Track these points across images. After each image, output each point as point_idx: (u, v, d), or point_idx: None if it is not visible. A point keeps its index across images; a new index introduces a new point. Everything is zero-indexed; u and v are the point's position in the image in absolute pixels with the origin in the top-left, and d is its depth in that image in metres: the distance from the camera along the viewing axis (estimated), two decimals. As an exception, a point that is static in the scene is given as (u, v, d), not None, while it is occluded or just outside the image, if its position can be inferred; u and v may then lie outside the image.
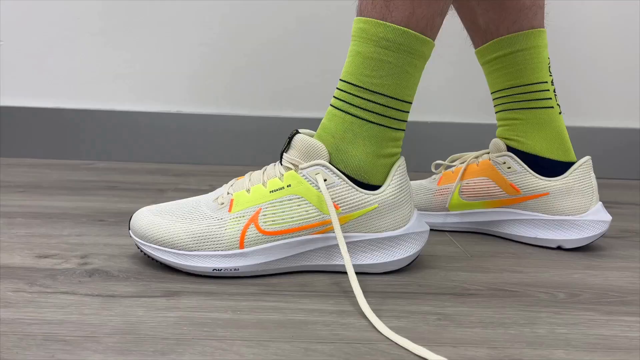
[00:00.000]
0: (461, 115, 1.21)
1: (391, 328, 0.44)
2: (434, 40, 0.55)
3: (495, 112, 0.72)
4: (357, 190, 0.54)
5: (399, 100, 0.54)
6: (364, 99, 0.54)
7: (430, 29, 0.53)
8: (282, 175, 0.55)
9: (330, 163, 0.54)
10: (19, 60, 1.22)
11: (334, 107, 0.56)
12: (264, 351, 0.40)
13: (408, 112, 0.56)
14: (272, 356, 0.39)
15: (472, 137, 1.17)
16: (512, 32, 0.67)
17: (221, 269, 0.53)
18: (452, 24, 1.00)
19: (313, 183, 0.54)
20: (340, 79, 0.56)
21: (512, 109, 0.69)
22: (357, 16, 0.55)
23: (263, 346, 0.41)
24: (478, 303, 0.50)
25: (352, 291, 0.52)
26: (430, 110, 1.23)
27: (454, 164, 0.75)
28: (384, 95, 0.54)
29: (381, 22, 0.52)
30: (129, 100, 1.23)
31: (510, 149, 0.69)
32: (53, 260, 0.57)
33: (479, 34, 0.70)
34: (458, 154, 0.76)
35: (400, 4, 0.52)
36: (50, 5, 1.20)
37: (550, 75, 0.68)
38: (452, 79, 1.19)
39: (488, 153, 0.72)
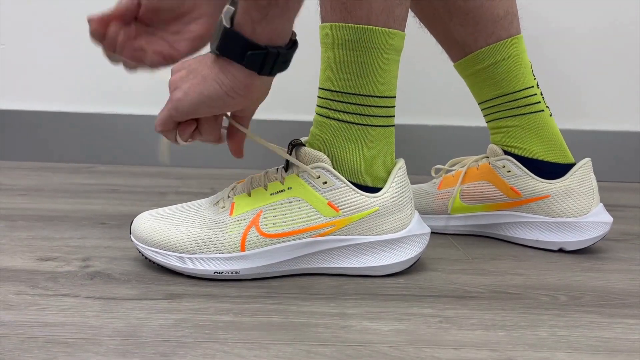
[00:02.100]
0: (462, 119, 1.21)
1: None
2: (402, 30, 0.54)
3: (487, 122, 0.72)
4: (357, 193, 0.54)
5: (379, 97, 0.54)
6: (345, 102, 0.54)
7: (393, 20, 0.53)
8: (283, 178, 0.55)
9: None
10: (20, 63, 1.22)
11: (319, 114, 0.56)
12: (265, 353, 0.40)
13: (393, 106, 0.56)
14: (273, 358, 0.40)
15: (473, 141, 1.16)
16: (491, 43, 0.67)
17: (222, 272, 0.53)
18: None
19: (314, 186, 0.54)
20: (319, 87, 0.56)
21: (504, 117, 0.69)
22: (320, 22, 0.55)
23: (264, 348, 0.41)
24: (479, 305, 0.50)
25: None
26: (431, 114, 1.23)
27: (453, 168, 0.75)
28: (363, 95, 0.54)
29: (343, 24, 0.52)
30: (130, 103, 1.23)
31: (508, 154, 0.69)
32: (55, 263, 0.57)
33: (456, 49, 0.70)
34: (458, 158, 0.76)
35: (357, 3, 0.52)
36: (51, 8, 1.20)
37: (535, 79, 0.69)
38: (452, 82, 1.19)
39: (487, 157, 0.72)
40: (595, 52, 1.22)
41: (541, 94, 0.69)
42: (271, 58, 0.50)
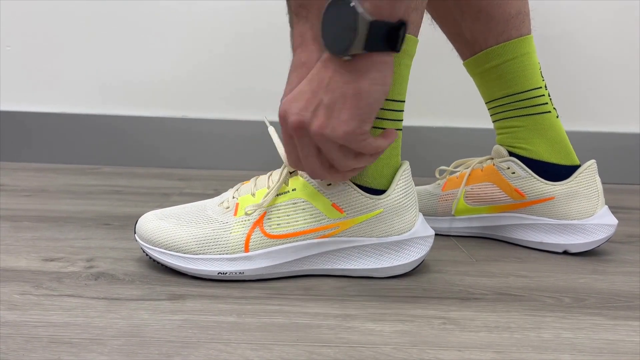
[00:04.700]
0: (466, 120, 1.21)
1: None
2: (415, 35, 0.54)
3: (493, 121, 0.72)
4: (362, 195, 0.54)
5: (390, 100, 0.54)
6: None
7: (408, 25, 0.53)
8: (288, 179, 0.55)
9: None
10: (24, 65, 1.23)
11: None
12: (268, 354, 0.40)
13: (402, 110, 0.56)
14: (276, 359, 0.39)
15: (477, 142, 1.16)
16: (501, 42, 0.67)
17: (226, 273, 0.53)
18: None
19: (318, 187, 0.54)
20: None
21: (511, 117, 0.69)
22: None
23: (267, 349, 0.41)
24: (483, 307, 0.50)
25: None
26: (434, 115, 1.23)
27: (457, 169, 0.75)
28: None
29: None
30: (134, 105, 1.24)
31: (513, 155, 0.69)
32: (59, 264, 0.57)
33: (466, 46, 0.70)
34: (462, 160, 0.76)
35: None
36: (57, 10, 1.21)
37: (543, 80, 0.68)
38: (456, 84, 1.19)
39: (492, 159, 0.72)
40: (600, 53, 1.22)
41: (549, 96, 0.68)
42: (404, 31, 0.45)
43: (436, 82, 1.21)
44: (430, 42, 0.73)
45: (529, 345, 0.43)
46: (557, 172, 0.67)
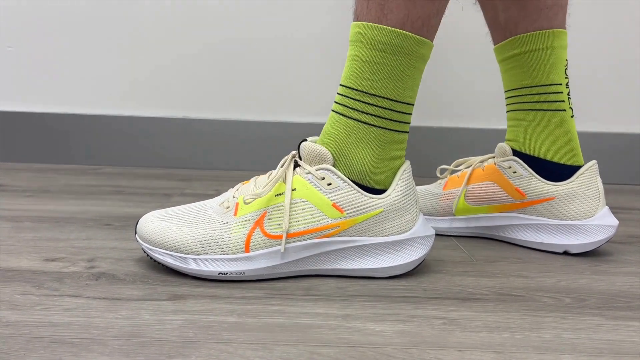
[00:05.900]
0: (467, 121, 1.21)
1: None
2: (431, 40, 0.55)
3: (507, 112, 0.72)
4: (362, 194, 0.54)
5: (399, 102, 0.54)
6: (364, 102, 0.54)
7: (427, 29, 0.53)
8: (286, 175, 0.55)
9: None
10: (27, 65, 1.23)
11: (336, 112, 0.56)
12: (269, 354, 0.40)
13: (410, 113, 0.56)
14: (277, 359, 0.40)
15: (478, 142, 1.17)
16: (531, 31, 0.66)
17: (227, 273, 0.53)
18: (458, 31, 1.00)
19: (318, 187, 0.54)
20: (340, 84, 0.56)
21: (522, 110, 0.69)
22: (353, 21, 0.55)
23: (268, 349, 0.41)
24: (484, 308, 0.50)
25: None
26: (435, 115, 1.23)
27: (459, 168, 0.75)
28: (384, 97, 0.54)
29: (377, 25, 0.52)
30: (135, 105, 1.24)
31: (515, 151, 0.69)
32: (60, 264, 0.57)
33: (498, 31, 0.70)
34: (463, 159, 0.76)
35: (394, 6, 0.52)
36: (58, 11, 1.21)
37: (567, 78, 0.68)
38: (458, 84, 1.19)
39: (493, 157, 0.72)
40: (600, 53, 1.21)
41: (568, 95, 0.68)
42: None
43: (437, 83, 1.21)
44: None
45: (530, 345, 0.43)
46: (559, 172, 0.67)
